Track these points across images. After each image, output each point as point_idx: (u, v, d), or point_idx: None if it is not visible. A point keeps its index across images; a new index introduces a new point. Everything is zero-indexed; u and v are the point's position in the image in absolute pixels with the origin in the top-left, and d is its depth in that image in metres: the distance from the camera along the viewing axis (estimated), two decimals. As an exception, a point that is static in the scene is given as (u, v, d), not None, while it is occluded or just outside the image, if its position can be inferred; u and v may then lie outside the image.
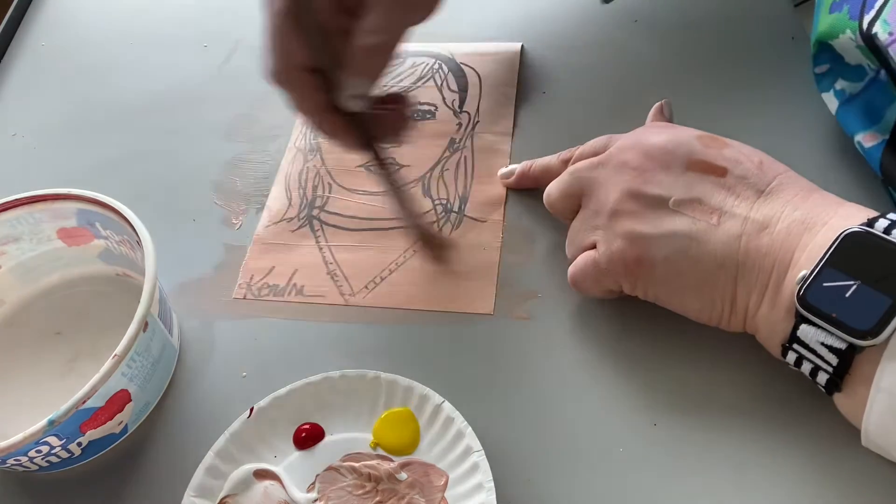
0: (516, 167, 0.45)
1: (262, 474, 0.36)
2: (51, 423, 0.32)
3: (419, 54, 0.53)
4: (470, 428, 0.35)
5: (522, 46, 0.53)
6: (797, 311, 0.31)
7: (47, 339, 0.43)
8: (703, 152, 0.36)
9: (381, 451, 0.36)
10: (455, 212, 0.45)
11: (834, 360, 0.30)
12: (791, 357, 0.33)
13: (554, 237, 0.43)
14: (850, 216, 0.32)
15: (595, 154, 0.39)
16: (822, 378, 0.31)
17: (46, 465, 0.36)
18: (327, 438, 0.37)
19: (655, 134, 0.37)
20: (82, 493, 0.37)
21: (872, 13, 0.37)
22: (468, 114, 0.50)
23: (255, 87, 0.54)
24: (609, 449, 0.35)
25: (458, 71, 0.52)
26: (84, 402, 0.33)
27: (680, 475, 0.34)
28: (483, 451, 0.34)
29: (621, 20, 0.54)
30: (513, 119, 0.49)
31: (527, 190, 0.45)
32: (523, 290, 0.41)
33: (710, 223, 0.34)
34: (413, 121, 0.49)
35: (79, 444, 0.36)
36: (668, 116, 0.43)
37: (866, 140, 0.40)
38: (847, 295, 0.30)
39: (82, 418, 0.35)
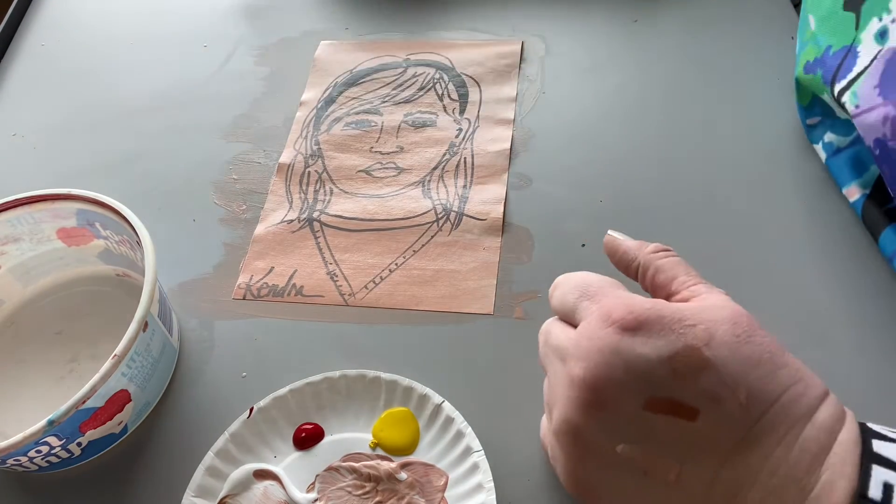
0: (625, 241, 0.33)
1: (261, 474, 0.36)
2: (51, 423, 0.32)
3: (420, 64, 0.53)
4: (470, 428, 0.35)
5: (523, 44, 0.53)
6: None
7: (47, 339, 0.43)
8: (669, 386, 0.26)
9: (380, 451, 0.36)
10: (455, 211, 0.45)
11: None
12: None
13: (554, 237, 0.43)
14: (833, 482, 0.25)
15: (563, 311, 0.31)
16: None
17: (46, 465, 0.36)
18: (327, 438, 0.37)
19: (611, 348, 0.27)
20: (82, 493, 0.37)
21: (844, 83, 0.37)
22: (468, 120, 0.50)
23: (255, 87, 0.54)
24: (609, 449, 0.35)
25: (458, 80, 0.52)
26: (84, 402, 0.33)
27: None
28: (483, 451, 0.34)
29: (621, 20, 0.54)
30: (513, 119, 0.49)
31: (526, 190, 0.45)
32: (523, 291, 0.41)
33: (667, 479, 0.27)
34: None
35: (78, 444, 0.36)
36: (623, 240, 0.33)
37: (850, 194, 0.41)
38: None
39: (82, 418, 0.35)
